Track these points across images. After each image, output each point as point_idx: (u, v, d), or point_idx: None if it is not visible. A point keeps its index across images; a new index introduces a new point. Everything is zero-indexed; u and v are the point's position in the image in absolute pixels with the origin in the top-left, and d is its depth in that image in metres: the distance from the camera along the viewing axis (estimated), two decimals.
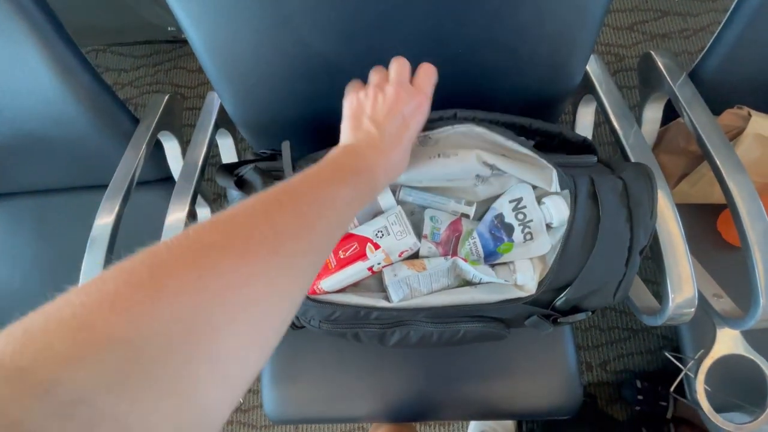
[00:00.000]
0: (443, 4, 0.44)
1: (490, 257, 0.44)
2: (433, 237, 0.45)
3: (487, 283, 0.43)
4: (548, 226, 0.44)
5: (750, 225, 0.47)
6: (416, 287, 0.42)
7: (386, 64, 0.51)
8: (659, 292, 0.48)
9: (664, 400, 0.96)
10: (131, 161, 0.61)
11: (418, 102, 0.38)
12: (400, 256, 0.44)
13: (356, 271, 0.43)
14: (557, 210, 0.42)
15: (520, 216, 0.43)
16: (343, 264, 0.43)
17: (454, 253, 0.44)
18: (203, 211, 0.77)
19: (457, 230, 0.45)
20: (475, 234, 0.44)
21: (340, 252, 0.44)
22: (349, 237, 0.44)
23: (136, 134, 0.64)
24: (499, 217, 0.44)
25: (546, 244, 0.43)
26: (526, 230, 0.43)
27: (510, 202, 0.44)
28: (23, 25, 0.51)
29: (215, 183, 0.52)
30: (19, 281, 0.76)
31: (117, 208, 0.58)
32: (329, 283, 0.44)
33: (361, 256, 0.43)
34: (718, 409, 0.58)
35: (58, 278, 0.75)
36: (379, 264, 0.44)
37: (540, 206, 0.43)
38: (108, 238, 0.56)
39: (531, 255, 0.43)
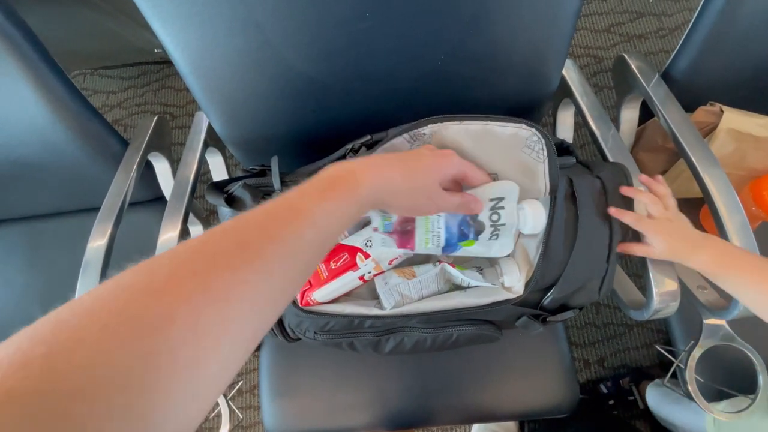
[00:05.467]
0: (417, 20, 0.45)
1: (449, 248, 0.41)
2: (385, 228, 0.41)
3: (476, 286, 0.44)
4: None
5: (728, 218, 0.49)
6: (407, 294, 0.43)
7: (366, 79, 0.52)
8: (645, 286, 0.49)
9: (631, 394, 0.97)
10: (122, 183, 0.62)
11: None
12: (390, 264, 0.45)
13: (348, 280, 0.44)
14: (535, 218, 0.41)
15: (494, 217, 0.40)
16: (334, 274, 0.44)
17: (410, 240, 0.41)
18: (196, 229, 0.77)
19: (409, 218, 0.41)
20: (441, 224, 0.40)
21: (331, 262, 0.45)
22: (339, 247, 0.45)
23: (126, 157, 0.64)
24: (474, 215, 0.40)
25: (508, 247, 0.41)
26: (495, 232, 0.40)
27: (490, 200, 0.40)
28: (10, 54, 0.52)
29: (206, 200, 0.54)
30: (12, 309, 0.76)
31: (110, 231, 0.58)
32: (322, 293, 0.44)
33: (352, 266, 0.44)
34: (713, 398, 0.58)
35: (51, 304, 0.75)
36: (369, 273, 0.45)
37: (519, 211, 0.41)
38: (101, 261, 0.57)
39: (490, 255, 0.41)
